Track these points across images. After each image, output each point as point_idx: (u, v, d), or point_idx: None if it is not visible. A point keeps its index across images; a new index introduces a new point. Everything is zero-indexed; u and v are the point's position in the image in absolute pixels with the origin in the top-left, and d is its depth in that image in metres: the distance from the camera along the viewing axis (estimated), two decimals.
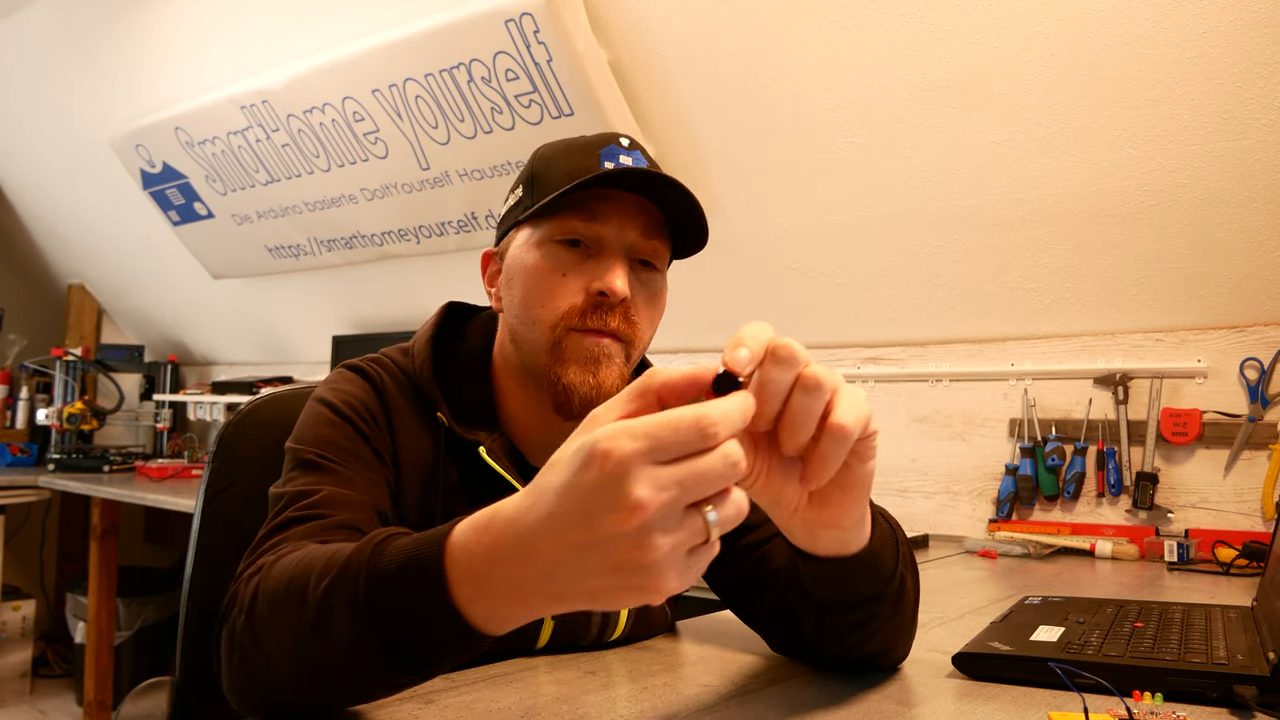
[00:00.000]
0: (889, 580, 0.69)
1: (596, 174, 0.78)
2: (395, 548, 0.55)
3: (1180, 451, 1.69)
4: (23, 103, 3.32)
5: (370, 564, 0.55)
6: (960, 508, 1.93)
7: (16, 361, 3.69)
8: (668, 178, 0.80)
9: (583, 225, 0.81)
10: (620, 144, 0.83)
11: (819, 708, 0.67)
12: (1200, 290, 1.66)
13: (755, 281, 2.18)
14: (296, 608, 0.58)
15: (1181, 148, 1.56)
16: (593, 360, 0.80)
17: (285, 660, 0.60)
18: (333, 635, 0.56)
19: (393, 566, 0.54)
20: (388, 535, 0.57)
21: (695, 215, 0.82)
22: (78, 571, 3.50)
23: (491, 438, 0.84)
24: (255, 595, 0.63)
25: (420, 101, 2.26)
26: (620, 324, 0.80)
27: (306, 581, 0.58)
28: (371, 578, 0.54)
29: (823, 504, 0.61)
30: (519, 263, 0.84)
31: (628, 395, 0.49)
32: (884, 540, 0.69)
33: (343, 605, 0.55)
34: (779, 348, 0.51)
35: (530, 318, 0.83)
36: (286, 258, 3.03)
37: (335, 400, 0.83)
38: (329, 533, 0.72)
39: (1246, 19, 1.42)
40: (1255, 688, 0.67)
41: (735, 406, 0.47)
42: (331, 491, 0.76)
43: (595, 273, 0.80)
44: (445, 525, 0.54)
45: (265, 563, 0.66)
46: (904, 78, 1.72)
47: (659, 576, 0.45)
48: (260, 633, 0.62)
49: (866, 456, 0.58)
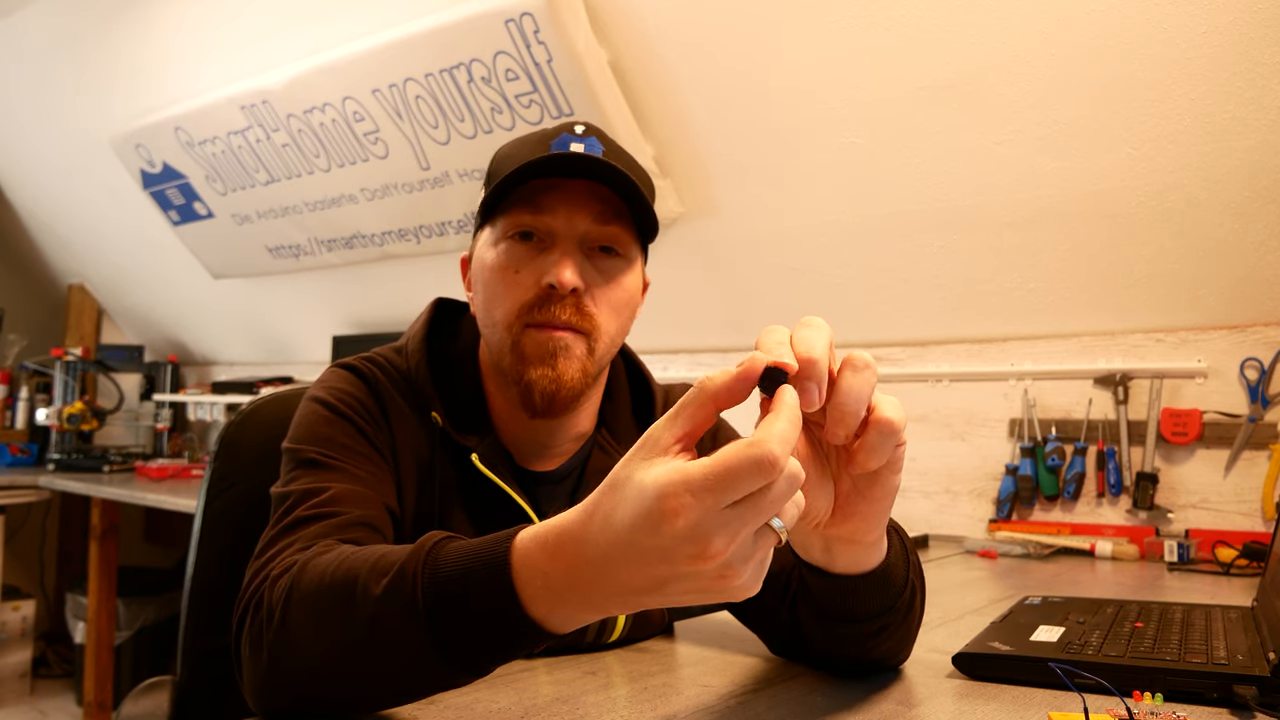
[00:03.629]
0: (900, 593, 0.69)
1: (529, 162, 0.77)
2: (452, 554, 0.55)
3: (1180, 451, 1.69)
4: (23, 102, 3.32)
5: (428, 570, 0.54)
6: (960, 508, 1.93)
7: (16, 361, 3.69)
8: (602, 162, 0.77)
9: (530, 218, 0.80)
10: (574, 131, 0.81)
11: (819, 708, 0.67)
12: (1200, 290, 1.66)
13: (755, 281, 2.18)
14: (343, 611, 0.57)
15: (1181, 148, 1.56)
16: (549, 354, 0.79)
17: (326, 662, 0.59)
18: (387, 639, 0.55)
19: (456, 575, 0.53)
20: (438, 541, 0.56)
21: (636, 198, 0.80)
22: (78, 571, 3.50)
23: (484, 442, 0.84)
24: (289, 597, 0.62)
25: (420, 101, 2.26)
26: (572, 315, 0.79)
27: (353, 585, 0.57)
28: (430, 583, 0.54)
29: (846, 517, 0.61)
30: (480, 263, 0.84)
31: (684, 413, 0.50)
32: (897, 555, 0.68)
33: (399, 610, 0.54)
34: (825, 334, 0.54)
35: (491, 319, 0.82)
36: (286, 258, 3.03)
37: (331, 399, 0.82)
38: (346, 530, 0.71)
39: (1246, 19, 1.42)
40: (1255, 688, 0.67)
41: (789, 425, 0.47)
42: (340, 489, 0.75)
43: (544, 266, 0.79)
44: (501, 536, 0.54)
45: (297, 562, 0.64)
46: (904, 78, 1.72)
47: (743, 591, 0.48)
48: (296, 635, 0.61)
49: (897, 467, 0.59)
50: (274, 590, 0.64)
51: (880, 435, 0.55)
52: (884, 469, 0.58)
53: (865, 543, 0.63)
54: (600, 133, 0.83)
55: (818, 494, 0.59)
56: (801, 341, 0.52)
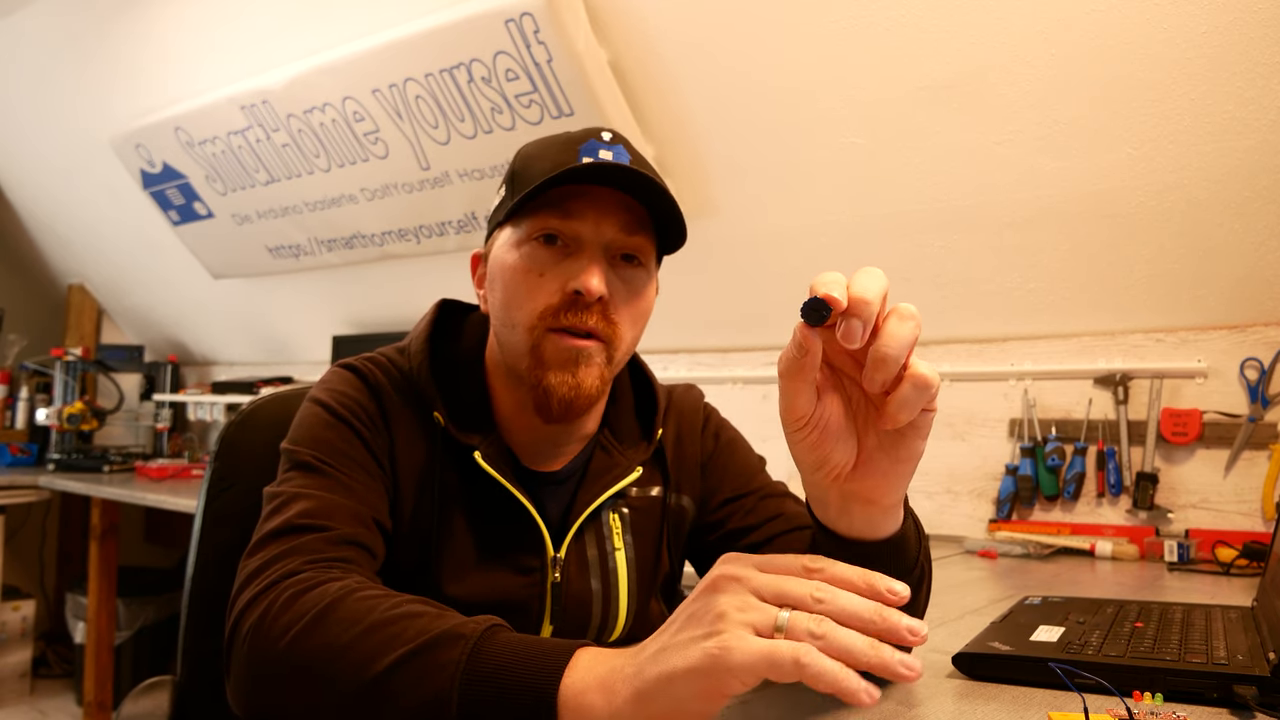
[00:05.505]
0: (911, 571, 0.69)
1: (567, 169, 0.77)
2: (501, 648, 0.55)
3: (1180, 451, 1.69)
4: (23, 102, 3.31)
5: (471, 658, 0.55)
6: (960, 508, 1.93)
7: (16, 361, 3.68)
8: (639, 173, 0.78)
9: (558, 223, 0.80)
10: (601, 138, 0.82)
11: (819, 708, 0.67)
12: (1200, 290, 1.66)
13: (755, 281, 2.18)
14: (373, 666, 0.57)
15: (1181, 148, 1.56)
16: (571, 362, 0.79)
17: (337, 708, 0.59)
18: (409, 710, 0.55)
19: (501, 673, 0.54)
20: (490, 626, 0.57)
21: (671, 210, 0.81)
22: (78, 571, 3.50)
23: (487, 441, 0.84)
24: (311, 625, 0.61)
25: (420, 101, 2.26)
26: (598, 322, 0.79)
27: (391, 643, 0.57)
28: (473, 672, 0.54)
29: (868, 474, 0.61)
30: (500, 263, 0.84)
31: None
32: (911, 530, 0.68)
33: (433, 687, 0.55)
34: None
35: (510, 320, 0.82)
36: (286, 258, 3.03)
37: (331, 401, 0.82)
38: (338, 547, 0.72)
39: (1246, 19, 1.42)
40: (1255, 688, 0.67)
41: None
42: (333, 501, 0.75)
43: (571, 271, 0.79)
44: (562, 650, 0.54)
45: (318, 585, 0.64)
46: (904, 78, 1.72)
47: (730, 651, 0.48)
48: (312, 668, 0.60)
49: (923, 432, 0.59)
50: (289, 610, 0.63)
51: (915, 388, 0.55)
52: (910, 432, 0.59)
53: (883, 505, 0.63)
54: (626, 141, 0.84)
55: (841, 445, 0.60)
56: (857, 283, 0.54)
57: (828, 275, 0.54)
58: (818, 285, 0.53)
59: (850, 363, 0.59)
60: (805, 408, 0.58)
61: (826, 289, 0.53)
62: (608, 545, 0.88)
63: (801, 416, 0.58)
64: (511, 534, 0.84)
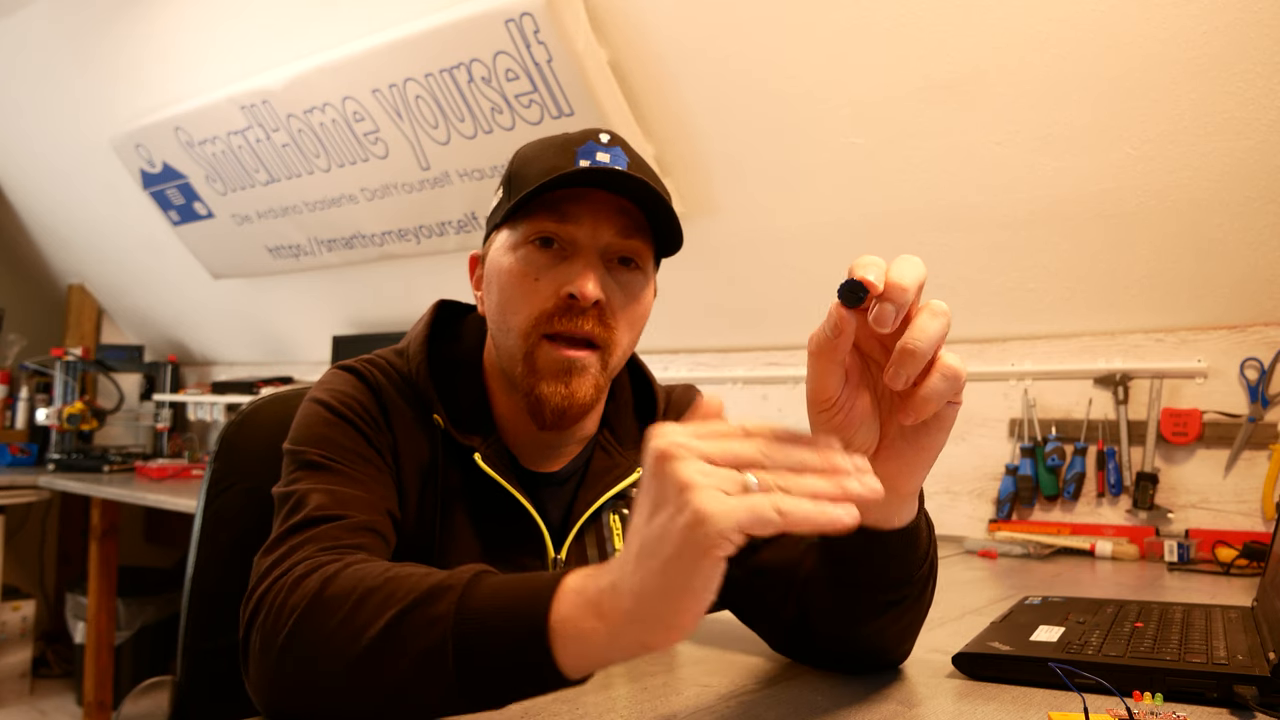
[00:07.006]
0: (920, 565, 0.69)
1: (562, 174, 0.77)
2: (488, 593, 0.55)
3: (1180, 451, 1.69)
4: (23, 103, 3.32)
5: (460, 608, 0.55)
6: (960, 508, 1.93)
7: (16, 361, 3.68)
8: (635, 177, 0.77)
9: (555, 226, 0.80)
10: (599, 140, 0.81)
11: (819, 708, 0.67)
12: (1200, 290, 1.66)
13: (755, 281, 2.18)
14: (366, 632, 0.57)
15: (1181, 148, 1.56)
16: (564, 373, 0.79)
17: (341, 676, 0.59)
18: (408, 668, 0.56)
19: (490, 616, 0.54)
20: (475, 574, 0.57)
21: (667, 215, 0.81)
22: (78, 571, 3.50)
23: (487, 442, 0.84)
24: (310, 604, 0.61)
25: (420, 101, 2.26)
26: (594, 327, 0.79)
27: (381, 607, 0.57)
28: (463, 621, 0.54)
29: (889, 458, 0.61)
30: (496, 266, 0.83)
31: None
32: (923, 524, 0.68)
33: (425, 642, 0.55)
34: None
35: (506, 325, 0.82)
36: (286, 258, 3.03)
37: (332, 400, 0.82)
38: (355, 534, 0.72)
39: (1246, 19, 1.42)
40: (1255, 688, 0.67)
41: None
42: (344, 492, 0.75)
43: (567, 275, 0.79)
44: (547, 582, 0.54)
45: (320, 567, 0.64)
46: (904, 78, 1.72)
47: (707, 516, 0.46)
48: (314, 643, 0.60)
49: (947, 425, 0.60)
50: (294, 593, 0.63)
51: (944, 379, 0.55)
52: (935, 425, 0.59)
53: (900, 493, 0.63)
54: (624, 143, 0.83)
55: (864, 429, 0.60)
56: (895, 269, 0.54)
57: (867, 258, 0.54)
58: (856, 268, 0.53)
59: (879, 349, 0.59)
60: (834, 389, 0.58)
61: (865, 272, 0.53)
62: (608, 546, 0.88)
63: (829, 398, 0.58)
64: (512, 535, 0.84)
